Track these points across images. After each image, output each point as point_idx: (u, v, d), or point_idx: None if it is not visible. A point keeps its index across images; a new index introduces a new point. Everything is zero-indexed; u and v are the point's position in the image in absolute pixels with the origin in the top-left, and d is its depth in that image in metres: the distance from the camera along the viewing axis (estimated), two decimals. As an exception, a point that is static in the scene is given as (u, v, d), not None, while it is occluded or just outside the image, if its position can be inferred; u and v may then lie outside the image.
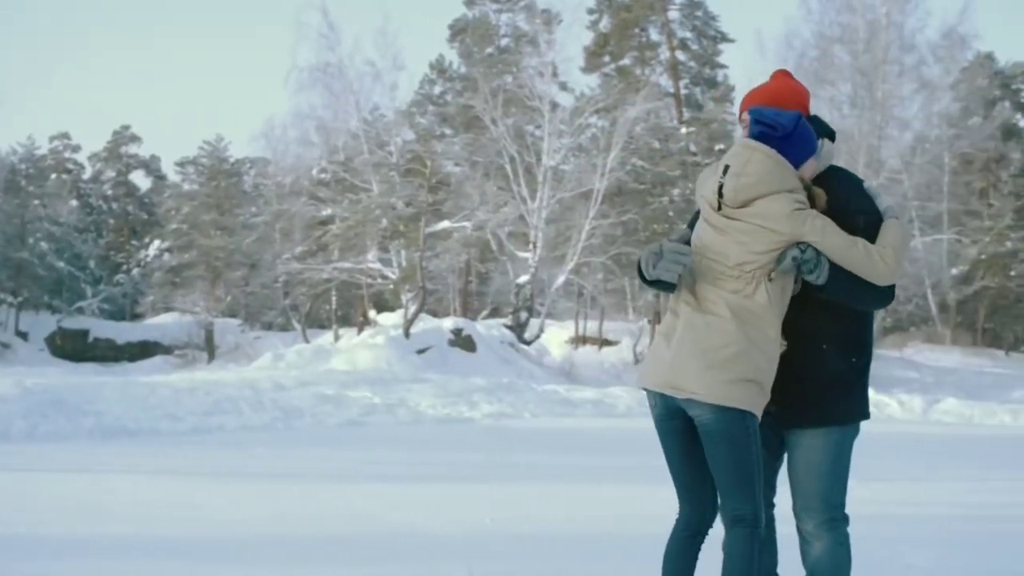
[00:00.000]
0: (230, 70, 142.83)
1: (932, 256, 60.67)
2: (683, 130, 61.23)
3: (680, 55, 70.60)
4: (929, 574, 8.66)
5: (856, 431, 5.92)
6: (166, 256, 76.40)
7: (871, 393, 6.38)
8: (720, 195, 5.78)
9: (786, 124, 5.77)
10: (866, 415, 5.91)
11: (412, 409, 29.02)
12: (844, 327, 5.74)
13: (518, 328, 51.77)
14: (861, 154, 58.38)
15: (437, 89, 70.75)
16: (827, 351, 5.71)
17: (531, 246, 52.76)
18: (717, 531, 5.90)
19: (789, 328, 5.70)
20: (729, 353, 5.60)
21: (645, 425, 23.93)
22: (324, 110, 59.49)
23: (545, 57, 57.08)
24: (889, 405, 44.01)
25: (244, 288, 72.27)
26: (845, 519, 5.87)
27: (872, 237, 5.68)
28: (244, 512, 11.30)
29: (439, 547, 9.49)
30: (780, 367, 5.69)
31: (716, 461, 5.65)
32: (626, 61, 70.53)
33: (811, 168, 5.83)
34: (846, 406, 5.80)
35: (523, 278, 52.90)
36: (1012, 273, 68.15)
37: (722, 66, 71.11)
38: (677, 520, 6.01)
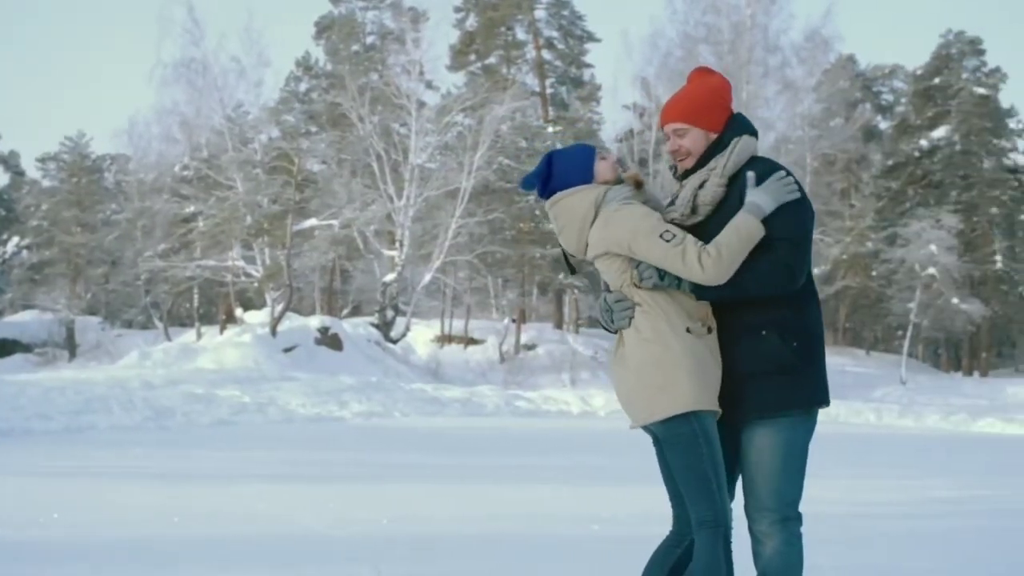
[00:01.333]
0: (93, 65, 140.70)
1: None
2: (549, 129, 61.46)
3: (546, 54, 70.81)
4: (837, 572, 8.71)
5: (809, 425, 5.76)
6: (25, 253, 75.19)
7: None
8: (567, 257, 5.97)
9: (538, 171, 5.88)
10: (817, 402, 5.76)
11: (282, 408, 28.91)
12: (782, 313, 5.63)
13: (384, 326, 51.66)
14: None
15: (303, 86, 70.36)
16: (767, 337, 5.60)
17: (398, 244, 52.66)
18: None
19: (728, 318, 5.66)
20: (640, 370, 5.62)
21: (514, 424, 24.31)
22: (188, 106, 58.90)
23: (411, 55, 56.98)
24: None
25: (105, 286, 71.33)
26: (798, 518, 5.73)
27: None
28: (139, 513, 11.10)
29: (344, 549, 9.38)
30: (723, 357, 5.65)
31: (674, 470, 5.64)
32: (492, 60, 70.60)
33: (604, 168, 5.81)
34: (790, 393, 5.64)
35: (389, 276, 52.76)
36: (873, 273, 69.40)
37: (588, 65, 71.48)
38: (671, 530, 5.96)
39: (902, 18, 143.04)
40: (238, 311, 52.23)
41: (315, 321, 47.55)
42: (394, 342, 51.63)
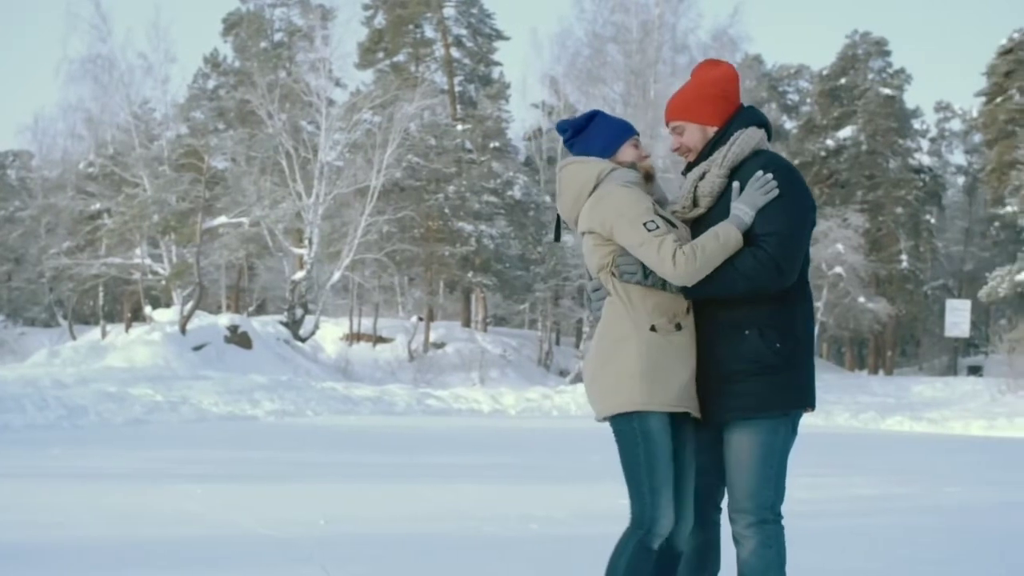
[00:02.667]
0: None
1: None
2: (458, 127, 61.48)
3: (455, 52, 70.83)
4: None
5: (790, 426, 5.70)
6: (-75, 250, 74.16)
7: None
8: (559, 221, 5.96)
9: (575, 122, 5.86)
10: (799, 404, 5.67)
11: (195, 407, 28.74)
12: (767, 312, 5.56)
13: (293, 325, 51.47)
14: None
15: (211, 83, 69.97)
16: (749, 337, 5.55)
17: (307, 242, 52.47)
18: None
19: (710, 315, 5.61)
20: (598, 365, 5.64)
21: (427, 423, 24.32)
22: (93, 103, 58.57)
23: (320, 53, 56.87)
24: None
25: (7, 283, 70.50)
26: (776, 520, 5.67)
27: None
28: (72, 515, 10.92)
29: (287, 550, 9.33)
30: (703, 356, 5.62)
31: (621, 466, 5.64)
32: (401, 58, 70.54)
33: (630, 152, 5.79)
34: (770, 394, 5.56)
35: (299, 275, 52.61)
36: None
37: (497, 63, 71.59)
38: None
39: (808, 19, 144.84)
40: (147, 309, 51.78)
41: (224, 319, 47.22)
42: (303, 340, 51.46)
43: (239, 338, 45.43)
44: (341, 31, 65.26)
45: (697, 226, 5.67)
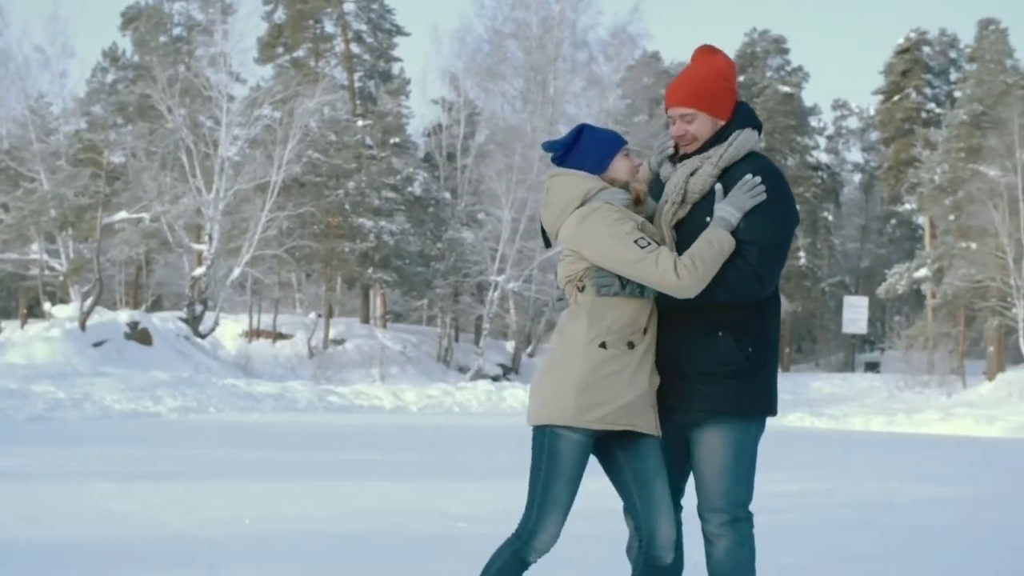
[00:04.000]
0: None
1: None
2: (359, 123, 61.34)
3: (355, 48, 70.56)
4: (699, 569, 8.83)
5: (759, 428, 5.73)
6: None
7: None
8: (544, 232, 5.83)
9: (564, 140, 5.73)
10: (767, 411, 5.69)
11: (98, 403, 28.62)
12: (741, 315, 5.56)
13: (193, 321, 51.15)
14: (538, 148, 59.33)
15: (110, 77, 69.21)
16: (722, 339, 5.55)
17: (207, 238, 52.13)
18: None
19: (684, 316, 5.56)
20: (545, 370, 5.64)
21: (332, 420, 24.30)
22: (-13, 96, 57.73)
23: (219, 47, 56.51)
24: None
25: (-102, 279, 69.37)
26: (748, 518, 5.67)
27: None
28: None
29: (217, 550, 9.27)
30: (675, 356, 5.59)
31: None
32: (301, 53, 70.17)
33: (622, 166, 5.67)
34: (740, 398, 5.57)
35: (199, 271, 52.26)
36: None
37: (397, 59, 71.37)
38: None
39: (707, 17, 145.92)
40: (47, 305, 51.17)
41: (124, 316, 46.86)
42: (203, 337, 51.17)
43: (139, 334, 45.15)
44: (242, 26, 64.66)
45: (678, 225, 5.66)
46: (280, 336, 58.08)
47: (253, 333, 58.01)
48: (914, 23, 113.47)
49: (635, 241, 5.39)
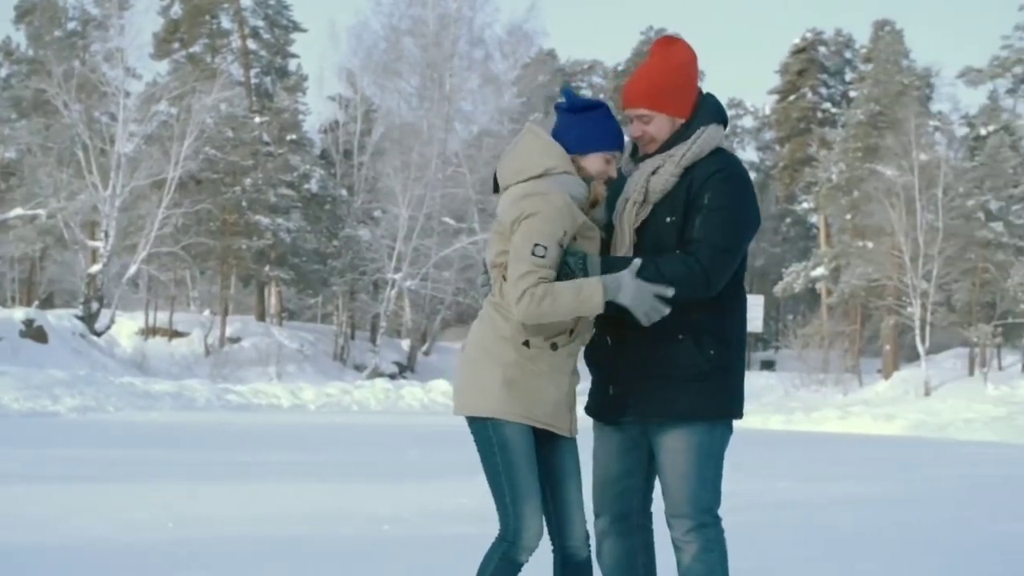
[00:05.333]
0: None
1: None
2: (256, 119, 61.10)
3: (252, 44, 70.16)
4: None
5: (725, 431, 5.59)
6: None
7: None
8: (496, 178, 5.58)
9: (575, 100, 5.54)
10: (731, 414, 5.58)
11: (-6, 403, 28.45)
12: (703, 317, 5.42)
13: (89, 319, 50.69)
14: (434, 146, 59.54)
15: (4, 72, 68.37)
16: (683, 342, 5.40)
17: (103, 235, 51.68)
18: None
19: None
20: (466, 361, 5.52)
21: (231, 419, 24.29)
22: None
23: (115, 42, 56.03)
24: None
25: None
26: (716, 523, 5.54)
27: (667, 238, 5.40)
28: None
29: (142, 556, 9.17)
30: (636, 360, 5.47)
31: (484, 472, 5.50)
32: (197, 49, 69.65)
33: (598, 165, 5.44)
34: (703, 402, 5.43)
35: (95, 268, 51.78)
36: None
37: (294, 56, 71.07)
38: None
39: (603, 14, 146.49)
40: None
41: (19, 313, 46.37)
42: (99, 335, 50.75)
43: (34, 332, 44.74)
44: (138, 21, 64.15)
45: (640, 225, 5.46)
46: (176, 334, 57.72)
47: (149, 331, 57.60)
48: (810, 23, 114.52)
49: (537, 243, 5.20)
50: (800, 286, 68.90)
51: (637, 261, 5.26)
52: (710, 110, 5.61)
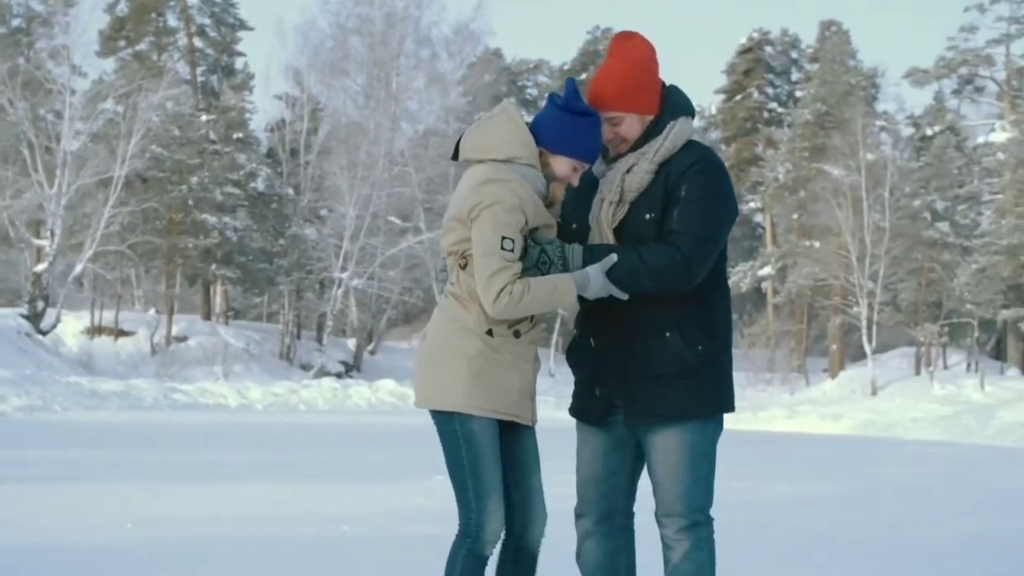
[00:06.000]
0: None
1: (439, 248, 62.39)
2: (203, 118, 60.80)
3: (198, 42, 69.81)
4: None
5: (717, 428, 5.54)
6: None
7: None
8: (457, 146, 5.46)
9: (571, 102, 5.43)
10: (722, 408, 5.53)
11: (-60, 402, 28.24)
12: (689, 312, 5.37)
13: (35, 318, 50.33)
14: (381, 145, 59.44)
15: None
16: (670, 339, 5.34)
17: (49, 234, 51.28)
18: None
19: (630, 315, 5.36)
20: (428, 353, 5.44)
21: (179, 418, 24.26)
22: None
23: (61, 40, 55.68)
24: (412, 397, 45.22)
25: None
26: (708, 523, 5.52)
27: (647, 236, 5.35)
28: None
29: (103, 557, 9.04)
30: (622, 358, 5.41)
31: (447, 466, 5.46)
32: (143, 46, 69.16)
33: (565, 169, 5.39)
34: (694, 398, 5.38)
35: (40, 266, 51.44)
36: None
37: (240, 54, 70.76)
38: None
39: (551, 14, 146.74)
40: None
41: (-37, 312, 46.13)
42: (44, 334, 50.41)
43: (-22, 332, 44.45)
44: (84, 18, 63.85)
45: (620, 225, 5.42)
46: (122, 333, 57.30)
47: (95, 330, 57.19)
48: (756, 23, 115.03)
49: (505, 236, 5.17)
50: (747, 285, 69.24)
51: (613, 256, 5.24)
52: (678, 103, 5.58)
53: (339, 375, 56.27)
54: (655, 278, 5.24)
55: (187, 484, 14.38)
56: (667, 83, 5.64)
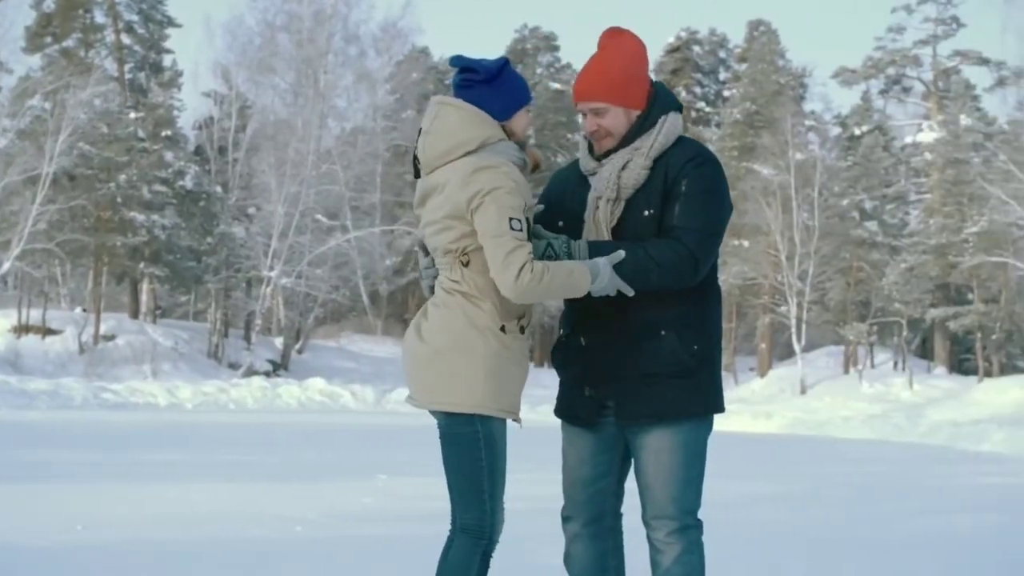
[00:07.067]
0: None
1: (366, 246, 62.37)
2: (131, 115, 60.34)
3: (126, 38, 69.25)
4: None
5: (708, 429, 5.45)
6: None
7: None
8: (416, 162, 5.33)
9: (489, 67, 5.26)
10: (715, 408, 5.42)
11: None
12: (683, 311, 5.30)
13: (-39, 317, 49.91)
14: (310, 143, 59.25)
15: None
16: (666, 337, 5.24)
17: (-24, 232, 50.87)
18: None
19: (623, 314, 5.26)
20: (438, 353, 5.24)
21: (109, 418, 24.03)
22: None
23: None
24: (342, 396, 45.19)
25: None
26: (698, 526, 5.42)
27: (646, 232, 5.26)
28: None
29: (62, 561, 8.89)
30: (615, 357, 5.32)
31: (447, 466, 5.27)
32: (70, 43, 68.47)
33: (524, 121, 5.33)
34: (688, 398, 5.29)
35: (-33, 265, 51.03)
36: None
37: (169, 51, 70.20)
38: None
39: (479, 11, 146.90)
40: None
41: None
42: (-30, 333, 50.02)
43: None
44: (11, 14, 63.25)
45: (619, 223, 5.34)
46: (50, 331, 56.75)
47: (22, 328, 56.62)
48: (684, 23, 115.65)
49: (512, 218, 5.04)
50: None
51: (620, 252, 5.14)
52: (666, 99, 5.51)
53: (267, 374, 56.12)
54: (662, 273, 5.15)
55: (133, 484, 14.22)
56: (654, 80, 5.56)
